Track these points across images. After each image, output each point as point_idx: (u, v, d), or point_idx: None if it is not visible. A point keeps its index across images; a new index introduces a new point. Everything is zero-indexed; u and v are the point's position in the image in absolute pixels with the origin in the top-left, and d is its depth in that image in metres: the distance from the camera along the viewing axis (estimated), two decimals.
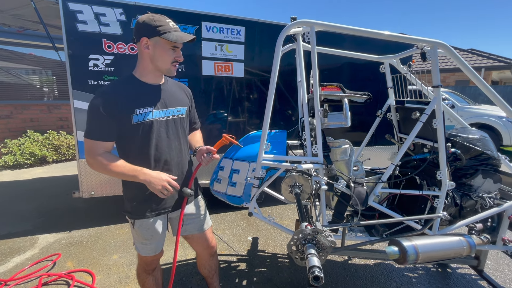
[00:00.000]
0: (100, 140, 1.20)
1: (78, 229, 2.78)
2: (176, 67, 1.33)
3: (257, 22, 2.95)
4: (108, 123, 1.19)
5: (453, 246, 1.48)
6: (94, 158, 1.20)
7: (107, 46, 2.55)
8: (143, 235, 1.35)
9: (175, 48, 1.27)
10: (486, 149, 1.75)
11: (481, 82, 1.59)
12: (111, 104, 1.18)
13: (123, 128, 1.22)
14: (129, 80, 1.28)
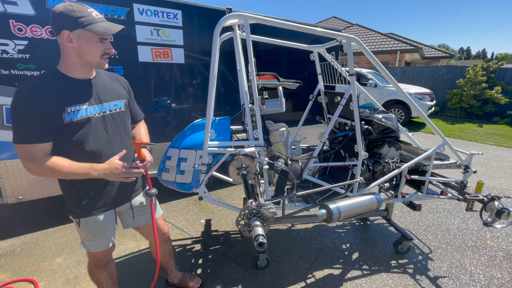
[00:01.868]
0: (35, 142, 1.10)
1: (6, 238, 2.49)
2: (107, 60, 1.26)
3: (194, 6, 2.89)
4: (39, 123, 1.10)
5: (366, 203, 1.87)
6: (36, 164, 1.11)
7: (17, 29, 2.19)
8: (91, 233, 1.35)
9: (103, 40, 1.20)
10: (389, 124, 2.18)
11: (383, 69, 1.94)
12: (37, 104, 1.09)
13: (55, 128, 1.14)
14: (54, 76, 1.18)
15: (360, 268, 2.16)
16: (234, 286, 1.95)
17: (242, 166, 2.02)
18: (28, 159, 1.11)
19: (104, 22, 1.19)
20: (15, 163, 2.40)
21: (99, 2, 2.45)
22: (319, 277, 2.05)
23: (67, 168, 1.14)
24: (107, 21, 1.21)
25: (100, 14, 1.21)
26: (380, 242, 2.50)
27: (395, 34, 15.54)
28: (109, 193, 1.33)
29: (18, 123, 1.10)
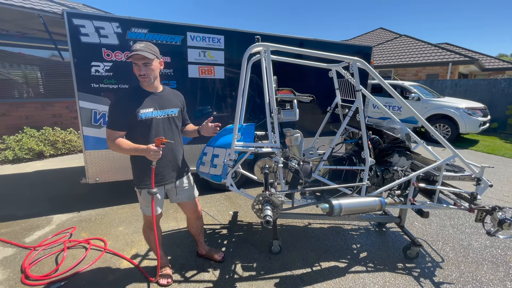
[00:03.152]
0: (115, 130, 1.74)
1: (86, 210, 3.29)
2: (144, 80, 1.74)
3: (234, 31, 3.48)
4: (122, 119, 1.73)
5: (368, 204, 2.11)
6: (111, 142, 1.74)
7: (106, 55, 3.01)
8: (146, 200, 1.90)
9: (136, 64, 1.72)
10: (398, 135, 2.38)
11: (385, 85, 2.18)
12: (122, 107, 1.73)
13: (131, 123, 1.75)
14: (136, 89, 1.82)
15: (365, 265, 2.36)
16: (250, 263, 2.34)
17: (265, 166, 2.46)
18: (109, 138, 1.75)
19: (133, 50, 1.68)
20: (96, 153, 3.20)
21: (160, 32, 3.17)
22: (325, 266, 2.32)
23: (125, 145, 1.72)
24: (138, 49, 1.67)
25: (142, 44, 1.72)
26: (391, 247, 2.64)
27: (450, 44, 14.48)
28: (158, 175, 1.87)
29: (110, 116, 1.75)
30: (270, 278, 2.17)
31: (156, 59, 1.78)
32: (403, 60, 12.98)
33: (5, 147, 5.43)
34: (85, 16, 2.88)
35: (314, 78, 3.99)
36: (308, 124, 3.75)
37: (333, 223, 3.04)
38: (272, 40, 3.44)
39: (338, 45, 4.38)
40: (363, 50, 4.37)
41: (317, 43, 4.02)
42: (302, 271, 2.26)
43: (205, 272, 2.22)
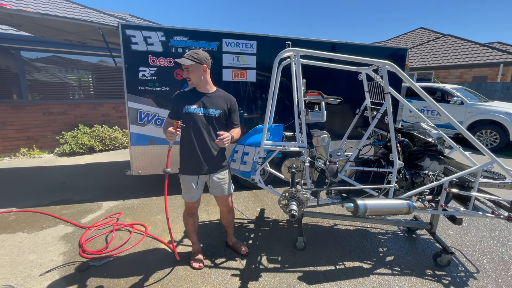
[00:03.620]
0: (169, 118, 2.10)
1: (130, 199, 3.68)
2: (188, 82, 2.06)
3: (266, 36, 3.65)
4: (174, 110, 2.06)
5: (395, 206, 2.11)
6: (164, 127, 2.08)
7: (151, 61, 3.37)
8: (184, 187, 2.14)
9: (185, 68, 2.01)
10: (430, 139, 2.34)
11: (418, 89, 2.16)
12: (176, 101, 2.06)
13: (179, 115, 2.03)
14: (192, 89, 2.09)
15: (391, 268, 2.35)
16: (275, 256, 2.46)
17: (292, 166, 2.58)
18: (164, 124, 2.09)
19: (182, 58, 1.97)
20: (139, 148, 3.57)
21: (199, 39, 3.45)
22: (348, 266, 2.36)
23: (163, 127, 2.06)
24: (184, 57, 1.97)
25: (188, 52, 2.00)
26: (421, 253, 2.58)
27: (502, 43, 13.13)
28: (192, 164, 2.09)
29: (170, 107, 2.09)
30: (294, 271, 2.27)
31: (196, 64, 1.98)
32: (445, 61, 12.11)
33: (63, 141, 6.22)
34: (135, 27, 3.27)
35: (344, 80, 4.00)
36: (337, 126, 3.78)
37: (359, 226, 3.04)
38: (303, 44, 3.56)
39: (371, 47, 4.33)
40: (398, 52, 4.27)
41: (349, 46, 4.03)
42: (325, 268, 2.33)
43: (233, 261, 2.39)
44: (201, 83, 2.06)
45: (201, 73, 2.02)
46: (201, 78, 2.04)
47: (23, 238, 2.71)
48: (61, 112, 6.48)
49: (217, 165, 2.19)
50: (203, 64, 2.01)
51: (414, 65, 13.29)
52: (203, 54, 2.04)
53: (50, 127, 6.38)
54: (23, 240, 2.68)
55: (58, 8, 7.52)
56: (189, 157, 2.08)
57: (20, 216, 3.17)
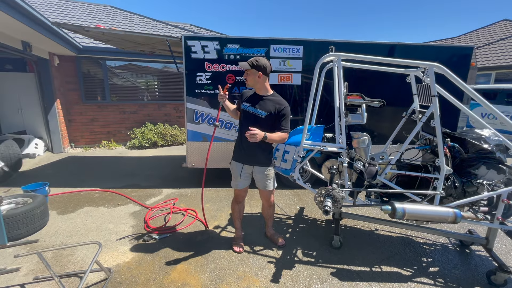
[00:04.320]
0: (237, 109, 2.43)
1: (184, 188, 4.19)
2: (246, 83, 2.33)
3: (312, 41, 3.76)
4: (238, 104, 2.40)
5: (438, 213, 2.03)
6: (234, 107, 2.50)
7: (207, 67, 3.81)
8: (232, 173, 2.44)
9: (246, 72, 2.29)
10: (486, 145, 2.16)
11: (476, 96, 2.03)
12: (241, 95, 2.38)
13: (239, 109, 2.36)
14: (253, 90, 2.38)
15: (433, 279, 2.24)
16: (310, 251, 2.58)
17: (332, 167, 2.67)
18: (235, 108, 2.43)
19: (244, 62, 2.24)
20: (194, 144, 4.05)
21: (249, 46, 3.76)
22: (385, 270, 2.33)
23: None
24: (246, 62, 2.23)
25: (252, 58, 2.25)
26: (472, 269, 2.38)
27: None
28: (239, 153, 2.37)
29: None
30: (327, 267, 2.35)
31: (253, 70, 2.22)
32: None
33: (134, 136, 7.30)
34: (195, 38, 3.74)
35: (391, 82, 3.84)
36: (383, 130, 3.66)
37: (403, 233, 2.92)
38: (349, 47, 3.57)
39: (428, 47, 4.06)
40: (461, 52, 3.91)
41: (402, 47, 3.86)
42: (360, 268, 2.35)
43: (270, 250, 2.59)
44: (256, 86, 2.31)
45: (256, 78, 2.24)
46: (256, 82, 2.26)
47: (104, 211, 3.38)
48: (133, 111, 7.60)
49: (259, 160, 2.38)
50: (258, 71, 2.22)
51: (492, 63, 11.50)
52: (263, 62, 2.24)
53: (124, 124, 7.54)
54: (104, 213, 3.34)
55: (134, 24, 8.82)
56: (238, 146, 2.38)
57: (102, 194, 3.92)
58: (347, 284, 2.16)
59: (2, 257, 2.41)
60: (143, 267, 2.32)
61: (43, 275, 2.16)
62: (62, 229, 2.93)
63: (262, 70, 2.24)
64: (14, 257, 2.11)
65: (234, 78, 3.85)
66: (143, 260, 2.40)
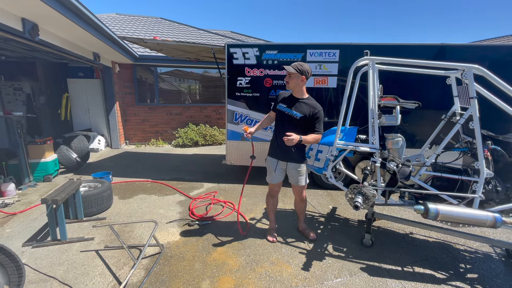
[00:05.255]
0: (271, 110, 2.64)
1: (223, 183, 4.56)
2: (286, 85, 2.50)
3: (349, 45, 3.84)
4: (275, 103, 2.59)
5: (475, 216, 2.02)
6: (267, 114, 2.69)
7: (247, 72, 4.12)
8: (267, 168, 2.67)
9: (288, 75, 2.46)
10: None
11: None
12: (277, 97, 2.59)
13: (275, 109, 2.58)
14: (289, 92, 2.57)
15: (471, 284, 2.19)
16: (341, 247, 2.68)
17: (366, 167, 2.76)
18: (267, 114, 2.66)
19: (289, 66, 2.43)
20: (233, 143, 4.38)
21: (286, 52, 3.98)
22: (418, 271, 2.34)
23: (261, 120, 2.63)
24: (290, 66, 2.41)
25: (295, 63, 2.43)
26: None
27: None
28: (274, 150, 2.59)
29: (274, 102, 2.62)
30: (357, 262, 2.44)
31: (297, 74, 2.40)
32: None
33: (178, 136, 7.99)
34: (237, 45, 4.09)
35: (428, 85, 3.72)
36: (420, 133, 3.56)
37: (441, 239, 2.85)
38: (385, 49, 3.58)
39: (472, 48, 3.85)
40: (506, 51, 3.62)
41: (442, 48, 3.72)
42: (391, 267, 2.39)
43: (302, 242, 2.76)
44: (296, 89, 2.49)
45: (298, 82, 2.43)
46: (297, 85, 2.46)
47: (155, 199, 3.88)
48: (178, 113, 8.32)
49: (293, 157, 2.57)
50: (302, 75, 2.42)
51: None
52: (306, 67, 2.43)
53: (170, 124, 8.30)
54: (155, 200, 3.83)
55: (181, 33, 9.66)
56: (273, 143, 2.60)
57: (153, 185, 4.47)
58: (376, 280, 2.23)
59: (80, 229, 2.97)
60: (189, 246, 2.67)
61: (112, 245, 2.63)
62: (123, 211, 3.46)
63: (305, 74, 2.42)
64: (93, 227, 2.61)
65: (271, 81, 4.10)
66: (189, 241, 2.76)
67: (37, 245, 2.59)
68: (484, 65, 2.16)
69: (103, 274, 2.24)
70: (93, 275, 2.23)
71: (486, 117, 2.26)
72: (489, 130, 2.44)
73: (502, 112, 2.14)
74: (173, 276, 2.23)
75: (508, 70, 3.50)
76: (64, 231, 2.62)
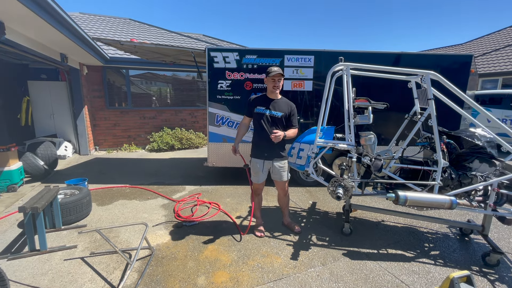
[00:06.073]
0: (245, 115, 2.78)
1: (205, 185, 4.59)
2: (275, 90, 2.66)
3: (323, 51, 4.16)
4: (248, 108, 2.73)
5: (436, 200, 2.35)
6: (240, 123, 2.79)
7: (227, 75, 4.24)
8: (253, 170, 2.80)
9: (273, 79, 2.63)
10: (478, 142, 2.48)
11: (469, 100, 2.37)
12: (251, 102, 2.72)
13: (252, 114, 2.71)
14: (263, 95, 2.76)
15: (434, 259, 2.54)
16: (323, 237, 2.91)
17: (342, 163, 3.02)
18: (241, 121, 2.77)
19: (273, 71, 2.61)
20: (214, 145, 4.45)
21: (265, 56, 4.18)
22: (391, 252, 2.64)
23: (237, 132, 2.77)
24: (275, 71, 2.61)
25: (276, 68, 2.63)
26: (471, 253, 2.66)
27: None
28: (259, 151, 2.73)
29: (246, 107, 2.75)
30: (339, 249, 2.68)
31: (282, 78, 2.66)
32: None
33: (152, 140, 7.78)
34: (217, 49, 4.19)
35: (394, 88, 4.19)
36: (387, 132, 3.98)
37: (408, 224, 3.22)
38: (356, 56, 3.95)
39: (430, 56, 4.40)
40: (461, 60, 4.23)
41: (406, 56, 4.21)
42: (368, 250, 2.67)
43: (288, 235, 2.93)
44: (277, 91, 2.70)
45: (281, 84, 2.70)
46: (279, 87, 2.69)
47: (137, 203, 3.80)
48: (152, 116, 8.11)
49: (277, 154, 2.76)
50: (283, 79, 2.68)
51: (499, 69, 11.67)
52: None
53: (143, 129, 8.05)
54: (137, 205, 3.75)
55: (152, 35, 9.44)
56: (257, 145, 2.74)
57: (132, 190, 4.35)
58: (357, 262, 2.48)
59: (60, 238, 2.83)
60: (179, 246, 2.69)
61: (98, 251, 2.56)
62: (104, 217, 3.35)
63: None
64: (78, 233, 2.53)
65: (252, 85, 4.27)
66: (178, 242, 2.78)
67: (13, 257, 2.43)
68: (437, 71, 2.56)
69: (94, 280, 2.19)
70: (83, 281, 2.17)
71: (441, 115, 2.66)
72: (444, 127, 2.86)
73: (453, 111, 2.54)
74: (168, 275, 2.26)
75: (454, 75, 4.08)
76: (44, 240, 2.49)
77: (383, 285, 2.18)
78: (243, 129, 2.83)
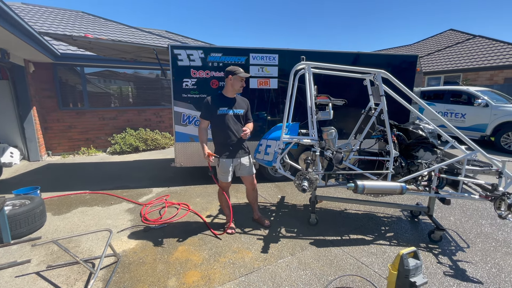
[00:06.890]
0: (203, 119, 2.72)
1: (173, 186, 4.47)
2: (241, 89, 2.73)
3: (286, 50, 4.29)
4: (207, 112, 2.69)
5: (389, 186, 2.60)
6: (199, 128, 2.74)
7: (193, 73, 4.17)
8: (221, 170, 2.81)
9: (242, 80, 2.69)
10: (421, 133, 2.79)
11: (414, 97, 2.65)
12: (209, 104, 2.68)
13: (213, 116, 2.70)
14: (219, 95, 2.76)
15: (389, 240, 2.81)
16: (292, 228, 3.04)
17: (307, 158, 3.16)
18: (200, 125, 2.73)
19: (243, 72, 2.66)
20: (181, 144, 4.36)
21: (230, 55, 4.19)
22: (353, 237, 2.86)
23: (200, 137, 2.73)
24: (244, 72, 2.67)
25: (241, 69, 2.68)
26: (419, 232, 2.99)
27: None
28: (228, 150, 2.74)
29: (202, 110, 2.72)
30: (306, 239, 2.83)
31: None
32: (474, 63, 11.82)
33: (114, 142, 7.33)
34: (181, 47, 4.10)
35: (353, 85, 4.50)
36: (347, 127, 4.27)
37: (367, 211, 3.51)
38: (318, 56, 4.15)
39: (382, 56, 4.79)
40: (408, 59, 4.68)
41: (360, 56, 4.53)
42: (333, 238, 2.86)
43: (258, 230, 3.01)
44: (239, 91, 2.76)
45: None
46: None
47: (99, 210, 3.58)
48: (112, 117, 7.63)
49: (244, 151, 2.84)
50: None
51: (441, 68, 13.08)
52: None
53: (103, 130, 7.54)
54: (99, 211, 3.54)
55: (109, 30, 8.85)
56: (224, 145, 2.74)
57: (93, 196, 4.08)
58: (323, 250, 2.64)
59: (9, 253, 2.56)
60: (148, 250, 2.62)
61: (56, 263, 2.37)
62: (61, 227, 3.11)
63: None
64: (32, 246, 2.32)
65: (218, 83, 4.25)
66: (146, 246, 2.70)
67: None
68: (388, 70, 2.82)
69: None
70: None
71: (393, 110, 2.93)
72: (396, 120, 3.16)
73: (402, 106, 2.82)
74: (136, 281, 2.19)
75: (403, 73, 4.50)
76: None
77: (346, 267, 2.37)
78: (205, 133, 2.76)
